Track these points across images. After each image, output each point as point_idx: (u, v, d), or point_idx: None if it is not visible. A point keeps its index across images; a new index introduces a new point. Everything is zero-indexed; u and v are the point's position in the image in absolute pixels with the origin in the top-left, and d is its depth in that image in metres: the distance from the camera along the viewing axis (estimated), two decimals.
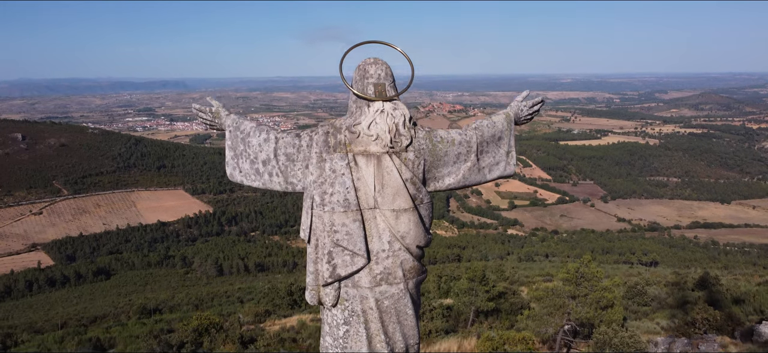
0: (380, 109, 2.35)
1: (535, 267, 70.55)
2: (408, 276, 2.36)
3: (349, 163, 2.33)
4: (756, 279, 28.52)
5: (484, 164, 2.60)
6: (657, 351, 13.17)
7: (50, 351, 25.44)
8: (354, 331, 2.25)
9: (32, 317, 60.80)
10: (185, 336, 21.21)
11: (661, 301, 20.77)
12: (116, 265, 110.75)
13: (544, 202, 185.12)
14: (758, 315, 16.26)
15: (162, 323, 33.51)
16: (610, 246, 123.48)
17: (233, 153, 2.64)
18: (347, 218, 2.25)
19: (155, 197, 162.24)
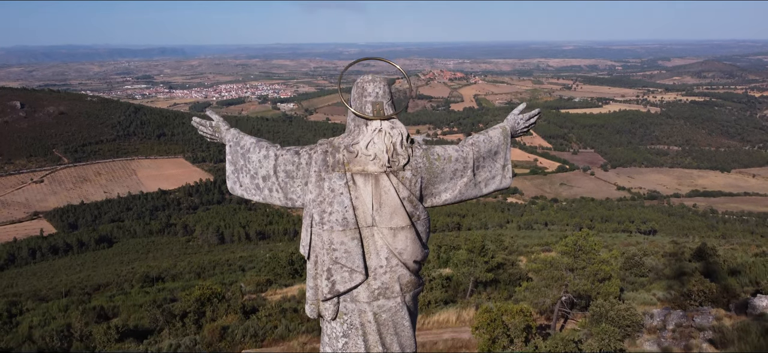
0: (378, 128, 2.38)
1: (534, 236, 71.00)
2: (405, 290, 2.42)
3: (348, 182, 2.37)
4: (753, 250, 28.73)
5: (480, 178, 2.64)
6: (653, 323, 13.37)
7: (55, 319, 25.79)
8: (353, 343, 2.33)
9: (36, 285, 61.47)
10: (188, 305, 21.49)
11: (658, 272, 20.98)
12: (118, 233, 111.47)
13: (544, 170, 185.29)
14: (753, 287, 16.44)
15: (165, 292, 33.89)
16: (609, 215, 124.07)
17: (234, 168, 2.67)
18: (346, 237, 2.31)
19: (155, 165, 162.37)
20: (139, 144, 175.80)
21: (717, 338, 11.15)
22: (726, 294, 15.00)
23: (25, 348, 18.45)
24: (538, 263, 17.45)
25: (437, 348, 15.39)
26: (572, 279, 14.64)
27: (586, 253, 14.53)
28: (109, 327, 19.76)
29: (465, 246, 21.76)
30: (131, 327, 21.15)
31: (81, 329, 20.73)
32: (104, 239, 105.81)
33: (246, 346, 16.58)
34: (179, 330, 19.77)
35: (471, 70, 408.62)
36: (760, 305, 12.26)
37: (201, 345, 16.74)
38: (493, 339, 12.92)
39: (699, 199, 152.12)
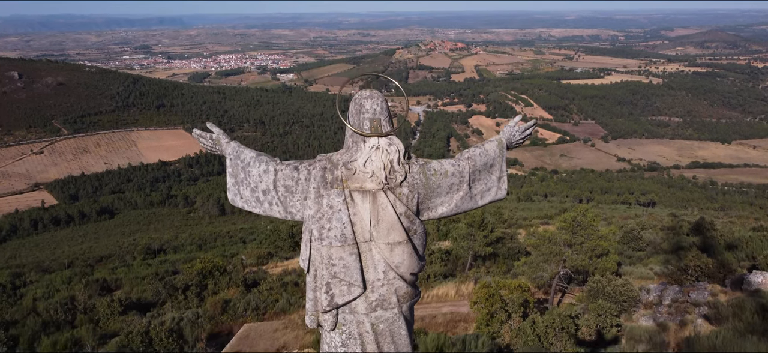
0: (375, 146, 2.42)
1: (533, 208, 71.25)
2: (402, 300, 2.50)
3: (346, 199, 2.43)
4: (751, 223, 28.90)
5: (476, 191, 2.69)
6: (649, 298, 13.54)
7: (59, 291, 26.06)
8: (351, 352, 2.43)
9: (39, 256, 61.95)
10: (190, 278, 21.74)
11: (655, 246, 21.14)
12: (119, 204, 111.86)
13: (544, 142, 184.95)
14: (750, 261, 16.60)
15: (166, 264, 34.17)
16: (608, 186, 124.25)
17: (234, 180, 2.72)
18: (344, 252, 2.38)
19: (155, 136, 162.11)
20: (138, 115, 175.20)
21: (712, 314, 11.30)
22: (722, 269, 15.15)
23: (30, 320, 18.68)
24: (537, 238, 17.59)
25: (436, 322, 15.61)
26: (570, 254, 14.77)
27: (584, 229, 14.63)
28: (113, 299, 19.99)
29: (464, 220, 21.89)
30: (134, 300, 21.40)
31: (85, 301, 20.98)
32: (105, 211, 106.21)
33: (248, 319, 16.82)
34: (182, 303, 20.03)
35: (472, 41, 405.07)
36: (755, 281, 12.39)
37: (203, 319, 16.98)
38: (491, 313, 13.09)
39: (699, 170, 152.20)
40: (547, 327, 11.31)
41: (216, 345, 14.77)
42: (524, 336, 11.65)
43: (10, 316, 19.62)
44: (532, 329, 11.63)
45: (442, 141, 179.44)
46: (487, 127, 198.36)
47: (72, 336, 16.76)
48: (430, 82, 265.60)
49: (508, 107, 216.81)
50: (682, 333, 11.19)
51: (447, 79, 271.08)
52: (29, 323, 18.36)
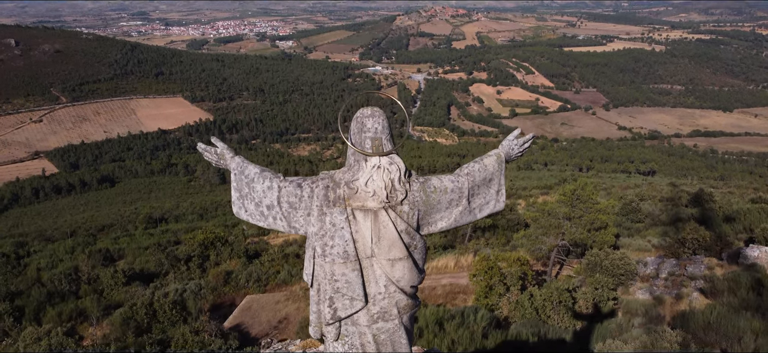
0: (377, 165, 2.47)
1: (533, 177, 71.42)
2: (402, 312, 2.58)
3: (348, 217, 2.49)
4: (750, 194, 29.00)
5: (474, 205, 2.75)
6: (646, 272, 13.70)
7: (62, 261, 26.34)
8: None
9: (41, 225, 62.33)
10: (192, 249, 21.93)
11: (654, 218, 21.27)
12: (120, 173, 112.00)
13: (545, 110, 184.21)
14: (747, 234, 16.73)
15: (168, 234, 34.42)
16: (609, 155, 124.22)
17: (239, 194, 2.76)
18: (347, 268, 2.45)
19: (154, 104, 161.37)
20: (137, 83, 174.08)
21: (707, 288, 11.45)
22: (719, 242, 15.30)
23: (34, 291, 18.92)
24: (536, 210, 17.70)
25: (436, 293, 15.83)
26: (569, 227, 14.88)
27: (583, 202, 14.71)
28: (116, 270, 20.20)
29: None
30: (137, 271, 21.63)
31: (88, 272, 21.22)
32: (106, 179, 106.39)
33: (250, 291, 17.04)
34: (184, 274, 20.27)
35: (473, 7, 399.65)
36: (751, 255, 12.52)
37: (206, 290, 17.21)
38: (489, 286, 13.26)
39: (700, 139, 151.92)
40: (544, 300, 11.48)
41: (219, 317, 14.99)
42: (522, 309, 11.83)
43: (15, 287, 19.87)
44: (530, 302, 11.81)
45: (442, 109, 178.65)
46: (487, 95, 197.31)
47: (77, 306, 17.02)
48: (430, 50, 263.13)
49: (510, 75, 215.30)
50: (677, 306, 11.36)
51: (448, 47, 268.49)
52: (34, 294, 18.60)
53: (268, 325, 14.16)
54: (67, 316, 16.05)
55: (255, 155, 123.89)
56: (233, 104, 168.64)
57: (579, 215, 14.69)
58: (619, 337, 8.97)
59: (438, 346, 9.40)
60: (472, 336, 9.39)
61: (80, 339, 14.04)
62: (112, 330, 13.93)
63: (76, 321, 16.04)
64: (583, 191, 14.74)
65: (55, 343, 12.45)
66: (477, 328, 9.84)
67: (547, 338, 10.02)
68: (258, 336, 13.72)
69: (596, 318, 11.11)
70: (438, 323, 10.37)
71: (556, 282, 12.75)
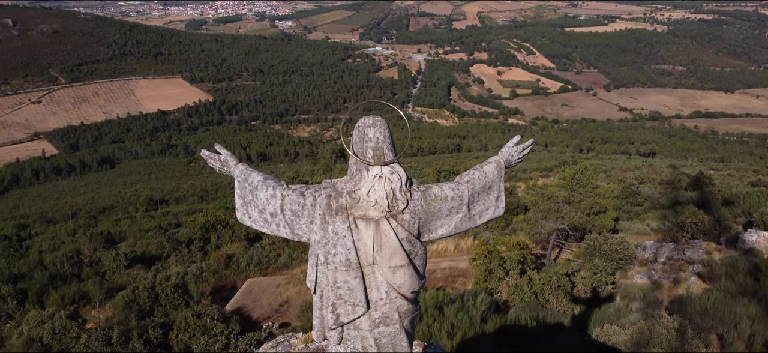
0: (378, 175, 2.50)
1: (533, 159, 71.41)
2: (403, 316, 2.65)
3: (350, 226, 2.54)
4: (749, 177, 29.03)
5: (474, 212, 2.78)
6: (645, 256, 13.78)
7: (64, 243, 26.48)
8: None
9: (42, 206, 62.45)
10: (193, 232, 22.05)
11: (653, 201, 21.33)
12: (120, 154, 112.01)
13: (546, 91, 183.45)
14: (746, 217, 16.81)
15: (169, 216, 34.52)
16: (609, 136, 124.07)
17: (242, 201, 2.80)
18: (349, 276, 2.51)
19: (154, 85, 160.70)
20: (135, 64, 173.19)
21: (705, 272, 11.54)
22: (718, 227, 15.38)
23: (37, 274, 19.05)
24: (536, 193, 17.76)
25: (435, 276, 15.95)
26: (568, 211, 14.94)
27: (583, 186, 14.75)
28: (118, 253, 20.32)
29: None
30: (139, 253, 21.76)
31: (90, 254, 21.34)
32: (106, 161, 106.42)
33: (251, 274, 17.15)
34: (185, 257, 20.39)
35: None
36: (749, 239, 12.59)
37: (207, 273, 17.34)
38: (489, 269, 13.36)
39: (700, 120, 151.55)
40: (543, 284, 11.57)
41: (220, 300, 15.11)
42: (521, 293, 11.93)
43: (18, 269, 19.98)
44: (529, 286, 11.90)
45: (442, 90, 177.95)
46: (488, 75, 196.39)
47: (79, 289, 17.16)
48: (431, 30, 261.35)
49: (510, 55, 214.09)
50: (675, 290, 11.45)
51: (448, 27, 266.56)
52: (37, 276, 18.74)
53: (270, 308, 14.29)
54: (69, 299, 16.18)
55: (255, 136, 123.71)
56: (233, 84, 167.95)
57: (578, 199, 14.74)
58: (616, 322, 9.07)
59: (437, 330, 9.49)
60: (472, 321, 9.48)
61: (83, 322, 14.18)
62: (114, 313, 14.07)
63: (78, 303, 16.18)
64: (582, 175, 14.77)
65: (59, 326, 12.58)
66: (476, 313, 9.93)
67: (545, 322, 10.12)
68: (259, 319, 13.86)
69: (595, 302, 11.21)
70: (437, 307, 10.45)
71: (555, 265, 12.84)
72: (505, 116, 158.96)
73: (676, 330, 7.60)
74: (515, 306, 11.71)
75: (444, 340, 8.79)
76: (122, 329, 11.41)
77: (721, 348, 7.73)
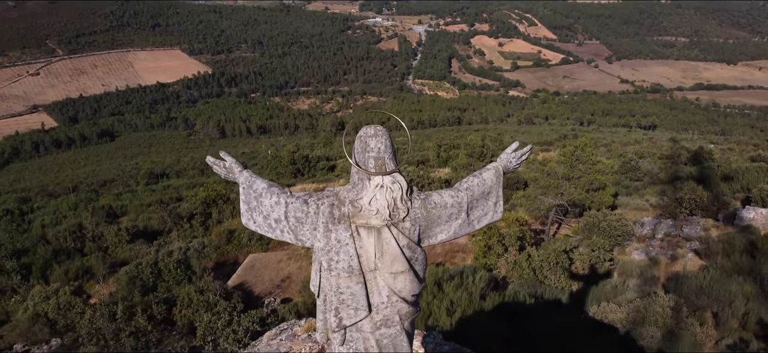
0: (380, 184, 2.56)
1: (534, 132, 71.35)
2: (404, 319, 2.74)
3: (352, 234, 2.62)
4: (749, 151, 29.05)
5: (473, 217, 2.84)
6: (643, 232, 13.89)
7: (66, 217, 26.61)
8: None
9: (43, 179, 62.61)
10: (194, 207, 22.12)
11: (653, 176, 21.39)
12: (119, 127, 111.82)
13: (547, 63, 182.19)
14: (745, 193, 16.88)
15: (170, 190, 34.62)
16: (610, 108, 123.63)
17: (247, 207, 2.86)
18: (351, 281, 2.60)
19: (152, 57, 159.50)
20: (133, 35, 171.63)
21: (702, 249, 11.65)
22: (716, 202, 15.45)
23: (40, 248, 19.21)
24: (536, 168, 17.79)
25: (435, 252, 16.08)
26: (568, 187, 15.01)
27: (582, 163, 14.79)
28: (120, 228, 20.45)
29: (465, 150, 22.05)
30: (141, 228, 21.88)
31: (92, 229, 21.48)
32: (106, 133, 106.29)
33: (252, 249, 17.30)
34: (187, 232, 20.52)
35: None
36: (747, 216, 12.68)
37: (209, 248, 17.49)
38: (488, 246, 13.48)
39: (702, 92, 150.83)
40: (542, 261, 11.69)
41: (222, 275, 15.28)
42: (520, 269, 12.06)
43: (21, 244, 20.13)
44: (527, 262, 12.03)
45: (443, 62, 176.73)
46: (489, 47, 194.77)
47: (82, 264, 17.32)
48: (431, 1, 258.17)
49: (512, 27, 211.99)
50: (672, 267, 11.58)
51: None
52: (40, 251, 18.89)
53: (271, 284, 14.45)
54: (73, 274, 16.35)
55: (254, 108, 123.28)
56: (232, 56, 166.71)
57: (578, 175, 14.79)
58: (613, 300, 9.19)
59: (437, 307, 9.64)
60: (471, 298, 9.61)
61: (88, 297, 14.36)
62: (118, 289, 14.23)
63: (82, 278, 16.35)
64: (582, 152, 14.80)
65: (64, 302, 12.76)
66: (475, 290, 10.07)
67: (543, 298, 10.27)
68: (261, 295, 14.04)
69: (592, 278, 11.34)
70: (437, 284, 10.59)
71: (554, 242, 12.96)
72: (505, 88, 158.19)
73: (671, 308, 7.72)
74: (514, 282, 11.85)
75: (443, 318, 8.92)
76: (126, 304, 11.56)
77: (716, 326, 7.86)
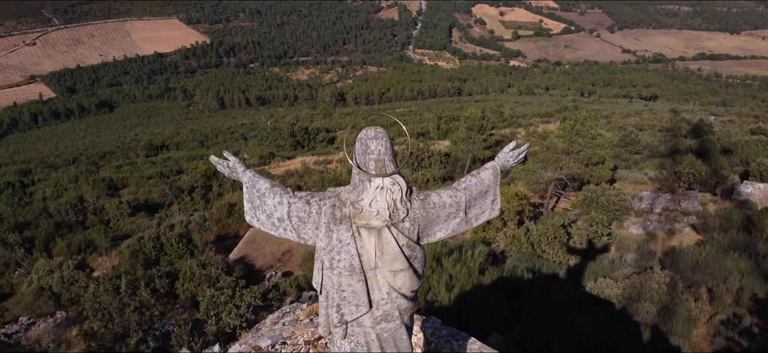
0: (380, 186, 2.62)
1: (534, 103, 71.06)
2: (403, 313, 2.83)
3: (354, 234, 2.70)
4: (750, 123, 29.02)
5: (471, 215, 2.90)
6: (641, 206, 13.98)
7: (67, 190, 26.70)
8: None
9: (43, 151, 62.62)
10: (195, 180, 22.19)
11: (652, 149, 21.41)
12: (117, 97, 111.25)
13: (548, 32, 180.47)
14: (743, 167, 16.94)
15: (170, 162, 34.66)
16: (611, 79, 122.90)
17: (251, 205, 2.92)
18: (352, 280, 2.68)
19: (150, 27, 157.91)
20: (130, 4, 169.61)
21: (699, 224, 11.75)
22: (715, 176, 15.52)
23: (42, 222, 19.35)
24: (536, 140, 17.82)
25: None
26: (567, 162, 15.05)
27: (582, 137, 14.81)
28: (121, 201, 20.55)
29: (465, 124, 22.01)
30: (141, 201, 21.99)
31: (94, 202, 21.60)
32: (104, 104, 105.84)
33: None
34: (188, 205, 20.64)
35: None
36: (744, 191, 12.75)
37: (210, 222, 17.61)
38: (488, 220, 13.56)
39: (705, 62, 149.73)
40: (540, 235, 11.81)
41: (223, 248, 15.43)
42: (518, 244, 12.18)
43: (23, 217, 20.26)
44: (526, 237, 12.15)
45: (443, 32, 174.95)
46: (490, 16, 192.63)
47: (85, 237, 17.47)
48: None
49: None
50: (669, 241, 11.70)
51: None
52: (42, 224, 19.02)
53: (272, 257, 14.60)
54: (76, 247, 16.50)
55: (253, 79, 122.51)
56: (230, 26, 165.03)
57: (577, 150, 14.83)
58: (610, 275, 9.31)
59: (436, 282, 9.77)
60: (470, 273, 9.73)
61: (91, 270, 14.52)
62: (121, 262, 14.37)
63: (85, 252, 16.50)
64: (582, 126, 14.80)
65: (68, 276, 12.91)
66: (474, 265, 10.19)
67: (541, 273, 10.40)
68: (262, 268, 14.19)
69: (590, 253, 11.46)
70: (436, 258, 10.70)
71: (553, 217, 13.05)
72: (506, 58, 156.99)
73: (667, 284, 7.83)
74: (512, 256, 11.97)
75: (442, 293, 9.05)
76: (129, 278, 11.71)
77: (711, 301, 7.99)
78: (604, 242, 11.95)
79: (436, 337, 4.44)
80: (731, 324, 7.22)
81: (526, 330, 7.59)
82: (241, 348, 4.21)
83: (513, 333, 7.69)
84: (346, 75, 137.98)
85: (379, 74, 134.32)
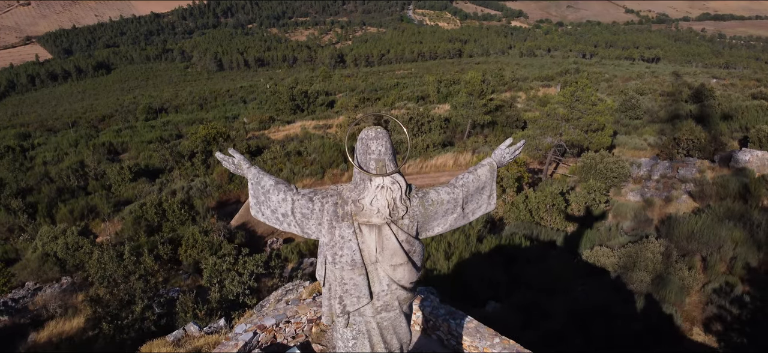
0: (380, 185, 2.67)
1: (535, 65, 70.38)
2: (403, 303, 2.93)
3: (355, 230, 2.78)
4: (751, 87, 28.86)
5: (468, 210, 2.97)
6: (639, 173, 14.07)
7: (67, 155, 26.75)
8: (360, 343, 2.95)
9: (41, 113, 62.32)
10: (195, 145, 22.24)
11: (653, 115, 21.37)
12: (115, 59, 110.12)
13: None
14: (743, 132, 16.95)
15: (170, 126, 34.61)
16: (614, 40, 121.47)
17: (256, 200, 2.98)
18: (354, 274, 2.78)
19: None
20: None
21: (696, 192, 11.86)
22: (713, 143, 15.57)
23: (44, 187, 19.47)
24: (536, 108, 17.79)
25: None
26: (567, 128, 15.07)
27: (582, 103, 14.78)
28: (122, 167, 20.64)
29: (465, 88, 21.89)
30: (142, 166, 22.07)
31: (95, 167, 21.69)
32: (102, 66, 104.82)
33: None
34: (189, 170, 20.72)
35: None
36: (742, 159, 12.81)
37: (211, 188, 17.72)
38: None
39: (708, 23, 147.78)
40: (538, 202, 11.92)
41: (225, 215, 15.57)
42: (517, 211, 12.31)
43: (25, 183, 20.39)
44: (524, 204, 12.26)
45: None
46: None
47: (87, 203, 17.62)
48: None
49: None
50: (666, 209, 11.82)
51: None
52: (45, 190, 19.16)
53: None
54: (78, 213, 16.66)
55: (252, 40, 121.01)
56: None
57: (577, 116, 14.82)
58: (606, 243, 9.45)
59: (435, 250, 9.92)
60: (468, 241, 9.88)
61: (94, 236, 14.69)
62: (123, 228, 14.53)
63: (88, 217, 16.67)
64: (582, 92, 14.76)
65: (72, 242, 13.08)
66: (472, 233, 10.32)
67: (539, 240, 10.54)
68: (263, 235, 14.35)
69: (588, 220, 11.59)
70: None
71: (551, 184, 13.14)
72: (508, 18, 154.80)
73: (662, 254, 7.97)
74: (510, 223, 12.11)
75: (441, 262, 9.20)
76: (133, 245, 11.87)
77: (704, 270, 8.15)
78: (602, 209, 12.07)
79: (434, 316, 4.57)
80: (723, 293, 7.38)
81: (523, 297, 7.76)
82: (247, 327, 4.35)
83: (510, 300, 7.86)
84: (346, 36, 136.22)
85: (378, 35, 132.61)
